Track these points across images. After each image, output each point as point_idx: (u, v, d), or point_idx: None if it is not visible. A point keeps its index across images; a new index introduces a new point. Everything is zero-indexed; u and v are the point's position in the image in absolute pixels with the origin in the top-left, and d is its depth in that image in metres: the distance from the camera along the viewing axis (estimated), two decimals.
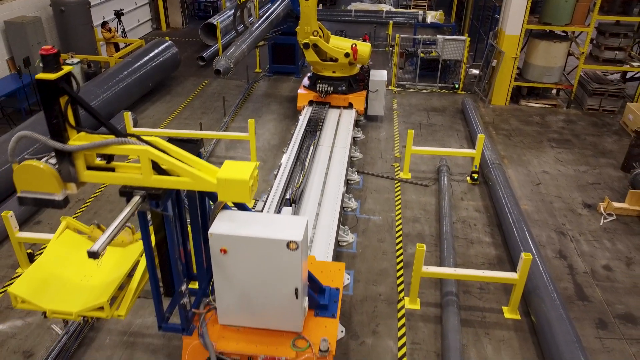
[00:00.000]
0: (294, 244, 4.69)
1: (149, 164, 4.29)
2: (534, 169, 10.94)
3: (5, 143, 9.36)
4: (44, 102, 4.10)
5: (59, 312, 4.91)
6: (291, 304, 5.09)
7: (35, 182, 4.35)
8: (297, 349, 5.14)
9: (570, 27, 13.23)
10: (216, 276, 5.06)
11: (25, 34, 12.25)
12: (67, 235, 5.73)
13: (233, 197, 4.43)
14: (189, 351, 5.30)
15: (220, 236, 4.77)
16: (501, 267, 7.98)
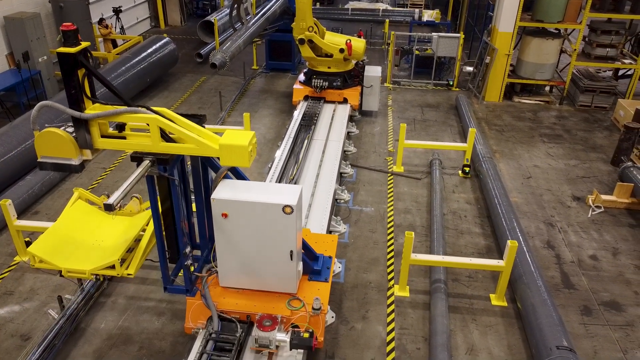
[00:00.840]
0: (289, 208, 5.15)
1: (157, 131, 4.75)
2: (525, 162, 11.11)
3: (5, 135, 9.52)
4: (64, 74, 4.57)
5: (73, 270, 5.40)
6: (286, 266, 5.53)
7: (54, 148, 4.81)
8: (292, 308, 5.58)
9: (562, 24, 13.41)
10: (218, 240, 5.50)
11: (25, 30, 12.40)
12: (79, 204, 6.27)
13: (233, 162, 4.83)
14: (192, 310, 5.75)
15: (221, 201, 5.23)
16: (490, 256, 8.13)
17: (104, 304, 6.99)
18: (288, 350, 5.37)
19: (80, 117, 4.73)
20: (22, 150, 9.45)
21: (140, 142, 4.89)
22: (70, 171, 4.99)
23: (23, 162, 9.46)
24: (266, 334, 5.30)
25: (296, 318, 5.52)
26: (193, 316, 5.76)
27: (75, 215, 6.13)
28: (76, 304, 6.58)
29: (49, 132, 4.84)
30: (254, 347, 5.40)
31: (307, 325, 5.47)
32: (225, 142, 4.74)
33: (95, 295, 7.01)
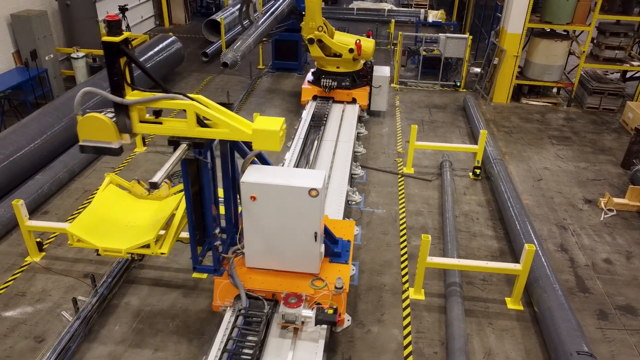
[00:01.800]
0: (315, 191, 5.46)
1: (194, 116, 5.05)
2: (535, 165, 11.07)
3: (14, 134, 9.44)
4: (108, 62, 4.90)
5: (109, 249, 5.68)
6: (310, 247, 5.84)
7: (95, 132, 5.11)
8: (315, 287, 5.89)
9: (571, 26, 13.38)
10: (245, 222, 5.81)
11: (31, 28, 12.31)
12: (111, 188, 6.55)
13: (265, 146, 5.16)
14: (219, 290, 6.03)
15: (251, 184, 5.54)
16: (503, 260, 8.10)
17: (117, 306, 6.93)
18: (313, 325, 5.62)
19: (122, 102, 5.02)
20: (31, 149, 9.38)
21: (175, 127, 5.16)
22: (110, 154, 5.22)
23: (32, 161, 9.39)
24: (293, 311, 5.55)
25: (319, 296, 5.80)
26: (221, 295, 6.04)
27: (108, 198, 6.40)
28: (90, 305, 6.51)
29: (91, 116, 5.10)
30: (280, 322, 5.64)
31: (330, 302, 5.76)
32: (258, 127, 5.05)
33: (109, 297, 6.94)
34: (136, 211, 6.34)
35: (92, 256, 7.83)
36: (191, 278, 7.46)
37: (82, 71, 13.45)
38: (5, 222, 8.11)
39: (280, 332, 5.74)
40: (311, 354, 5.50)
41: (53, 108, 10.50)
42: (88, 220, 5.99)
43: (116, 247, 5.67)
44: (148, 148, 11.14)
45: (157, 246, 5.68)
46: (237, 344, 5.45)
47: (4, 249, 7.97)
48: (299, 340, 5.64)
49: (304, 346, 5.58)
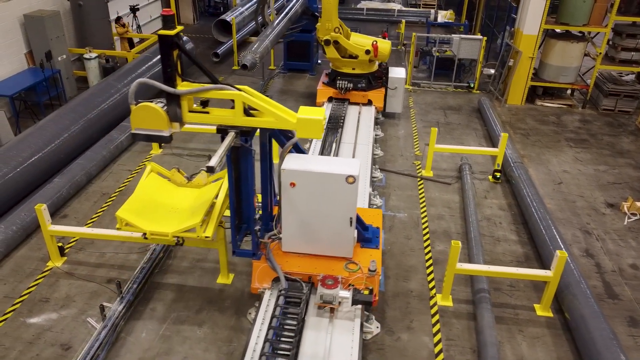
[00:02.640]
0: (352, 178, 5.78)
1: (241, 106, 5.41)
2: (554, 168, 10.98)
3: (31, 136, 9.34)
4: (163, 54, 5.22)
5: (156, 233, 6.06)
6: (345, 232, 6.16)
7: (148, 121, 5.38)
8: (350, 270, 6.20)
9: (587, 27, 13.28)
10: (284, 208, 6.14)
11: (44, 28, 12.20)
12: (153, 177, 6.87)
13: (308, 134, 5.51)
14: (258, 273, 6.36)
15: (291, 171, 5.85)
16: (529, 265, 8.02)
17: (142, 312, 6.84)
18: (349, 306, 5.95)
19: (175, 92, 5.31)
20: (48, 152, 9.29)
21: (223, 116, 5.50)
22: (161, 142, 5.61)
23: (50, 163, 9.31)
24: (331, 291, 5.83)
25: (353, 279, 6.08)
26: (259, 277, 6.38)
27: (150, 185, 6.73)
28: (117, 312, 6.42)
29: (145, 106, 5.35)
30: (318, 303, 5.93)
31: (365, 283, 6.04)
32: (302, 116, 5.40)
33: (134, 303, 6.85)
34: (177, 198, 6.69)
35: (113, 261, 7.74)
36: (216, 284, 7.37)
37: (95, 72, 13.34)
38: (26, 226, 8.01)
39: (317, 312, 6.06)
40: (348, 331, 5.82)
41: (69, 110, 10.40)
42: (134, 206, 6.30)
43: (163, 230, 6.03)
44: (164, 150, 11.04)
45: (201, 229, 6.02)
46: (280, 321, 5.75)
47: (25, 253, 7.87)
48: (335, 319, 5.96)
49: (341, 324, 5.90)
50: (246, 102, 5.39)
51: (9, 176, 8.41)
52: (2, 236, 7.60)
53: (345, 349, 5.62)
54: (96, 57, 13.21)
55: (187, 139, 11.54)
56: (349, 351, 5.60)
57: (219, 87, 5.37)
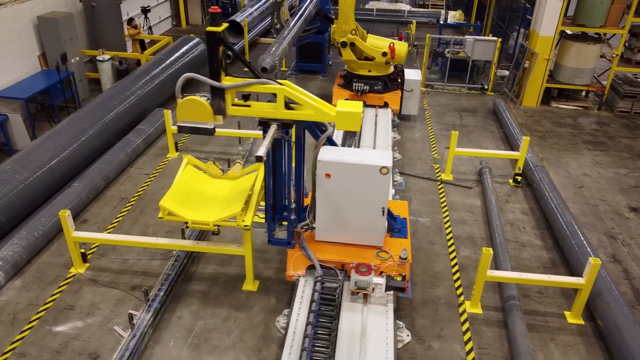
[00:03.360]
0: (386, 169, 6.04)
1: (282, 100, 5.63)
2: (574, 171, 10.89)
3: (49, 140, 9.24)
4: (210, 50, 5.49)
5: (198, 222, 6.34)
6: (377, 222, 6.41)
7: (193, 114, 5.66)
8: (381, 258, 6.47)
9: (604, 29, 13.19)
10: (318, 198, 6.37)
11: (58, 30, 12.10)
12: (189, 169, 7.12)
13: (347, 126, 5.73)
14: (292, 261, 6.61)
15: (326, 162, 6.08)
16: (556, 271, 7.93)
17: (169, 320, 6.74)
18: (382, 292, 6.17)
19: (220, 86, 5.56)
20: (67, 156, 9.19)
21: (264, 109, 5.74)
22: (205, 134, 5.80)
23: (68, 167, 9.23)
24: (365, 278, 6.06)
25: (385, 266, 6.36)
26: (294, 265, 6.60)
27: (188, 177, 6.99)
28: (145, 321, 6.33)
29: (191, 99, 5.63)
30: (352, 289, 6.14)
31: (396, 269, 6.33)
32: (341, 109, 5.61)
33: (161, 311, 6.76)
34: (213, 189, 6.96)
35: (137, 267, 7.65)
36: (241, 291, 7.28)
37: (108, 74, 13.24)
38: (47, 232, 7.92)
39: (351, 297, 6.29)
40: (382, 314, 6.09)
41: (86, 113, 10.31)
42: (175, 196, 6.56)
43: (204, 219, 6.31)
44: (180, 153, 10.95)
45: (239, 219, 6.30)
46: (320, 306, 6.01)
47: (47, 259, 7.78)
48: (369, 305, 6.20)
49: (375, 309, 6.17)
50: (288, 96, 5.60)
51: (29, 180, 8.32)
52: (25, 242, 7.51)
53: (380, 330, 5.87)
54: (109, 59, 13.11)
55: (204, 142, 11.44)
56: (384, 332, 5.86)
57: (262, 81, 5.59)
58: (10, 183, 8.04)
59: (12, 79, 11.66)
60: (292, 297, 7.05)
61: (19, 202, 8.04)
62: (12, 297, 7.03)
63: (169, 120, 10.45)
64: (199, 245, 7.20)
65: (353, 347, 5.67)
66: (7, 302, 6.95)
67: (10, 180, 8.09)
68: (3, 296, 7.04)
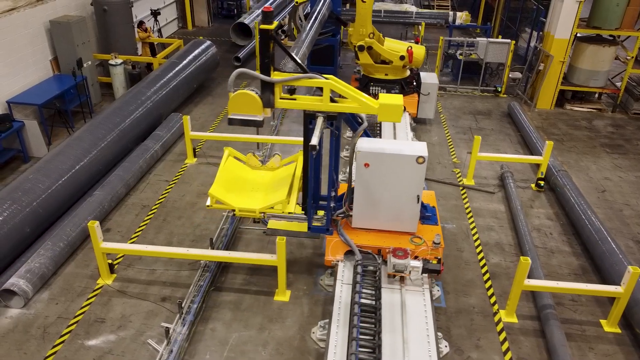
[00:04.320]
0: (422, 158, 6.44)
1: (328, 93, 5.97)
2: (594, 175, 10.85)
3: (69, 147, 9.09)
4: (262, 46, 5.86)
5: (244, 209, 6.68)
6: (412, 209, 6.86)
7: (244, 107, 5.93)
8: (415, 244, 6.89)
9: (619, 31, 13.16)
10: (356, 187, 6.75)
11: (72, 34, 11.92)
12: (231, 161, 7.43)
13: (389, 118, 6.04)
14: (331, 246, 6.98)
15: (365, 153, 6.46)
16: (587, 278, 7.87)
17: (202, 332, 6.63)
18: (418, 275, 6.47)
19: (271, 81, 5.85)
20: (87, 163, 9.05)
21: (309, 102, 6.11)
22: (254, 126, 6.08)
23: (89, 174, 9.10)
24: (402, 261, 6.37)
25: (419, 251, 6.79)
26: (332, 251, 6.98)
27: (231, 168, 7.30)
28: (182, 334, 6.21)
29: (243, 93, 5.89)
30: (390, 272, 6.46)
31: (429, 253, 6.75)
32: (384, 102, 5.92)
33: (196, 323, 6.65)
34: (255, 179, 7.32)
35: (165, 277, 7.53)
36: (273, 301, 7.17)
37: (120, 78, 13.08)
38: (72, 242, 7.79)
39: (388, 280, 6.58)
40: (419, 294, 6.42)
41: (103, 119, 10.15)
42: (222, 186, 6.83)
43: (250, 207, 6.65)
44: (198, 159, 10.82)
45: (283, 206, 6.58)
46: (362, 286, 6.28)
47: (72, 270, 7.65)
48: (406, 286, 6.51)
49: (412, 289, 6.50)
50: (335, 90, 5.92)
51: (52, 189, 8.18)
52: (51, 253, 7.38)
53: (419, 308, 6.21)
54: (122, 63, 12.95)
55: (220, 147, 11.31)
56: (422, 309, 6.20)
57: (310, 76, 5.88)
58: (33, 192, 7.90)
59: (25, 84, 11.49)
60: (324, 310, 7.02)
61: (42, 212, 7.90)
62: (40, 310, 6.90)
63: (187, 126, 10.32)
64: (232, 255, 7.10)
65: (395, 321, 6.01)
66: (36, 315, 6.82)
67: (33, 189, 7.95)
68: (31, 309, 6.91)
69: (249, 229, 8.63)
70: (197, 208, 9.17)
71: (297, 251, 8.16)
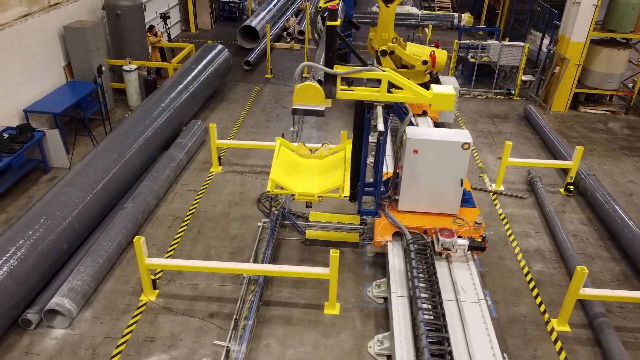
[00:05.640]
0: (467, 145, 7.03)
1: (386, 84, 6.48)
2: (619, 178, 10.92)
3: (99, 157, 8.83)
4: (328, 41, 6.40)
5: (304, 194, 6.96)
6: (455, 191, 7.44)
7: (308, 97, 6.40)
8: (458, 224, 7.45)
9: (634, 34, 13.28)
10: (405, 172, 7.32)
11: (86, 40, 11.62)
12: (283, 150, 7.70)
13: (442, 107, 6.59)
14: (380, 228, 7.53)
15: (414, 140, 7.02)
16: (630, 284, 7.90)
17: (257, 349, 6.47)
18: (462, 252, 7.08)
19: (335, 73, 6.39)
20: (116, 173, 8.80)
21: (367, 92, 6.65)
22: (316, 115, 6.54)
23: (120, 185, 8.85)
24: (450, 240, 6.94)
25: (462, 231, 7.33)
26: (381, 232, 7.53)
27: (284, 157, 7.61)
28: (242, 354, 6.04)
29: (307, 84, 6.35)
30: (439, 249, 6.98)
31: (472, 232, 7.30)
32: (437, 92, 6.55)
33: (250, 339, 6.48)
34: (307, 167, 7.68)
35: (209, 292, 7.35)
36: (324, 315, 7.04)
37: (135, 84, 12.79)
38: (109, 258, 7.55)
39: (435, 257, 7.07)
40: (466, 270, 7.00)
41: (128, 127, 9.88)
42: (279, 172, 7.12)
43: (309, 191, 6.94)
44: (224, 167, 10.62)
45: (340, 191, 6.88)
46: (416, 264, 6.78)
47: (113, 287, 7.41)
48: (453, 263, 7.06)
49: (460, 266, 7.05)
50: (392, 81, 6.43)
51: (85, 202, 7.92)
52: (91, 270, 7.13)
53: (467, 279, 6.83)
54: (136, 69, 12.67)
55: (244, 155, 11.13)
56: (470, 280, 6.83)
57: (369, 68, 6.42)
58: (68, 206, 7.64)
59: (40, 92, 11.17)
60: (376, 323, 6.92)
61: (78, 226, 7.64)
62: (86, 330, 6.66)
63: (214, 134, 10.12)
64: (282, 269, 6.94)
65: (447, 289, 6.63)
66: (82, 335, 6.59)
67: (67, 203, 7.69)
68: (76, 329, 6.67)
69: (286, 239, 8.49)
70: (230, 219, 8.99)
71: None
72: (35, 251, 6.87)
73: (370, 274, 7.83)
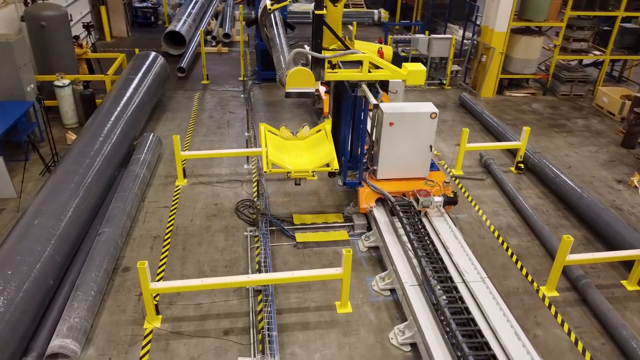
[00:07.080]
0: (434, 114, 8.20)
1: (367, 65, 7.47)
2: (556, 153, 12.03)
3: (63, 182, 8.08)
4: (315, 29, 7.35)
5: (298, 170, 7.66)
6: (425, 157, 8.60)
7: (300, 81, 7.16)
8: (430, 185, 8.62)
9: (546, 22, 14.65)
10: (382, 144, 8.29)
11: (13, 55, 10.50)
12: (268, 134, 8.32)
13: (416, 81, 7.63)
14: (364, 196, 8.45)
15: (390, 114, 8.07)
16: (593, 246, 8.77)
17: (284, 358, 6.35)
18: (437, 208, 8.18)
19: (323, 57, 7.30)
20: (84, 196, 8.10)
21: (350, 73, 7.64)
22: (308, 97, 7.93)
23: (90, 208, 8.16)
24: (428, 198, 8.06)
25: (434, 190, 8.47)
26: (366, 199, 8.46)
27: (271, 140, 8.16)
28: None
29: (299, 69, 7.14)
30: (419, 207, 8.06)
31: (443, 189, 8.54)
32: (411, 69, 7.61)
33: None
34: (293, 147, 8.37)
35: (216, 310, 7.07)
36: (339, 315, 7.07)
37: (69, 100, 11.81)
38: (100, 288, 6.96)
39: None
40: (443, 222, 8.18)
41: (84, 144, 9.10)
42: (273, 153, 7.66)
43: (304, 168, 7.65)
44: (190, 179, 10.19)
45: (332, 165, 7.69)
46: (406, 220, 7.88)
47: (109, 319, 6.86)
48: (432, 218, 8.19)
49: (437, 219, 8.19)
50: (372, 62, 7.43)
51: (60, 230, 7.21)
52: (85, 304, 6.54)
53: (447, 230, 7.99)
54: (70, 84, 11.70)
55: (205, 165, 10.76)
56: (449, 229, 8.01)
57: (352, 52, 7.39)
58: (45, 238, 6.93)
59: None
60: (389, 314, 7.08)
61: (60, 258, 6.97)
62: None
63: (178, 146, 9.68)
64: (296, 275, 6.83)
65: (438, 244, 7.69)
66: None
67: (42, 234, 6.97)
68: None
69: (277, 245, 8.39)
70: (213, 231, 8.68)
71: (336, 262, 8.10)
72: (20, 291, 6.17)
73: (369, 269, 7.98)
